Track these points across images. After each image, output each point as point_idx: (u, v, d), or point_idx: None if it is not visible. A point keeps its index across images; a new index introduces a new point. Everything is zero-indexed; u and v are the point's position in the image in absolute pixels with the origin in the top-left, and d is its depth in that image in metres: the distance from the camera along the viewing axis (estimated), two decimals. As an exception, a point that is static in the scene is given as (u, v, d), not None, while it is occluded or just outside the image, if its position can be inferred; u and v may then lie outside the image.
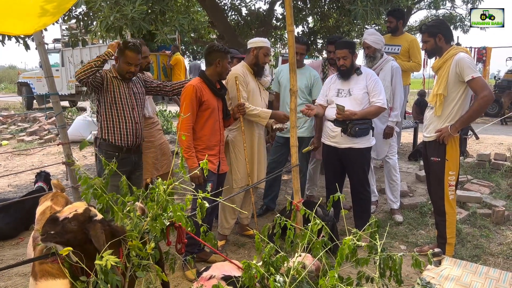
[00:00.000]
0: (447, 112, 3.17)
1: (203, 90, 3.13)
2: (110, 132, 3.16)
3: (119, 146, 3.17)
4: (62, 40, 13.57)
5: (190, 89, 3.08)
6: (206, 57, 3.25)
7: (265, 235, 2.11)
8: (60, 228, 1.73)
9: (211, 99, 3.19)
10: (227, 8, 7.14)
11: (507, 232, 3.96)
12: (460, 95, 3.11)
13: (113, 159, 3.07)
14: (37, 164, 7.07)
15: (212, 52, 3.21)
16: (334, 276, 1.72)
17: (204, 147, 3.18)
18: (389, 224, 4.07)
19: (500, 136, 9.13)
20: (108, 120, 3.16)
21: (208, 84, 3.19)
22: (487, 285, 2.19)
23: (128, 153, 3.23)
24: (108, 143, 3.17)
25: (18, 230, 4.10)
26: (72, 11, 4.92)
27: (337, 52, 3.62)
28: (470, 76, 2.97)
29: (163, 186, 1.81)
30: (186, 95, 3.09)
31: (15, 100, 16.81)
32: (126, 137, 3.18)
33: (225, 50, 3.21)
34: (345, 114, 3.48)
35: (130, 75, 3.17)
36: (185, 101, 3.07)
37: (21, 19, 2.57)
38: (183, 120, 3.04)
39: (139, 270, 1.80)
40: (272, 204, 4.61)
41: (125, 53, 3.09)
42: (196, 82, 3.15)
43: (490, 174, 5.68)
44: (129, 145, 3.21)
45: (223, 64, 3.20)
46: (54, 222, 1.76)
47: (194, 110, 3.10)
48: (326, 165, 3.93)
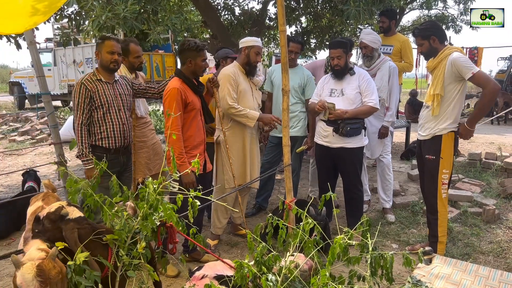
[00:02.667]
0: (444, 111, 3.20)
1: (186, 91, 3.06)
2: (97, 134, 3.11)
3: (106, 148, 3.14)
4: (54, 40, 13.48)
5: (175, 92, 2.98)
6: (179, 55, 3.15)
7: (257, 234, 2.11)
8: (41, 227, 1.81)
9: (195, 100, 3.13)
10: (220, 8, 7.13)
11: (498, 230, 4.01)
12: (456, 93, 3.15)
13: (101, 161, 3.08)
14: (29, 164, 7.01)
15: (183, 50, 3.11)
16: (326, 275, 1.73)
17: (191, 147, 3.13)
18: (381, 223, 4.10)
19: (491, 135, 9.22)
20: (94, 123, 3.10)
21: (188, 84, 3.12)
22: (476, 282, 2.21)
23: (117, 154, 3.20)
24: (95, 145, 3.12)
25: (9, 231, 4.07)
26: (64, 10, 4.89)
27: (331, 51, 3.63)
28: (470, 73, 3.00)
29: (153, 186, 1.80)
30: (171, 98, 2.98)
31: (7, 100, 16.69)
32: (113, 139, 3.15)
33: (198, 48, 3.08)
34: (336, 112, 3.49)
35: (115, 64, 3.08)
36: (170, 105, 2.97)
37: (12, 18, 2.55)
38: (173, 126, 2.96)
39: (130, 270, 1.80)
40: (265, 204, 4.62)
41: (104, 44, 3.05)
42: (178, 84, 3.06)
43: (481, 173, 5.74)
44: (117, 146, 3.17)
45: (195, 63, 3.10)
46: (37, 221, 1.84)
47: (181, 113, 3.02)
48: (318, 164, 3.95)
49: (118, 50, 3.10)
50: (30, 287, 1.52)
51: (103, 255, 1.83)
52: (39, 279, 1.53)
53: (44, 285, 1.54)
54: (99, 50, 3.09)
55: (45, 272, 1.55)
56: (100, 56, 3.09)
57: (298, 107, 4.20)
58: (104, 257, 1.82)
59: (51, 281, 1.56)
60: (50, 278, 1.56)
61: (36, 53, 3.73)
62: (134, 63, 3.61)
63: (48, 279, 1.55)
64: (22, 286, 1.52)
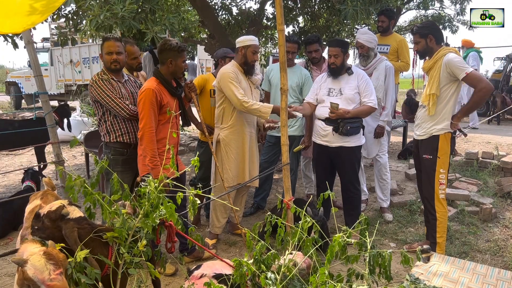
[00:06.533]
0: (440, 111, 3.22)
1: (162, 93, 3.00)
2: (117, 130, 3.13)
3: (127, 143, 3.16)
4: (51, 39, 13.42)
5: (150, 93, 2.92)
6: (159, 55, 3.07)
7: (256, 233, 2.11)
8: (41, 224, 1.82)
9: (171, 101, 3.08)
10: (218, 8, 7.12)
11: (494, 229, 4.03)
12: (451, 93, 3.19)
13: (121, 156, 3.10)
14: (26, 164, 7.00)
15: (164, 50, 3.03)
16: (325, 273, 1.73)
17: (163, 150, 3.03)
18: (378, 222, 4.11)
19: (488, 135, 9.25)
20: (113, 120, 3.13)
21: (165, 85, 3.06)
22: (474, 280, 2.23)
23: (136, 149, 3.20)
24: (117, 141, 3.14)
25: (7, 231, 4.06)
26: (61, 10, 4.87)
27: (329, 49, 3.63)
28: (463, 73, 3.04)
29: (154, 184, 1.81)
30: (146, 99, 2.91)
31: (3, 100, 16.61)
32: (133, 134, 3.18)
33: (179, 49, 3.03)
34: (338, 112, 3.50)
35: (116, 64, 3.09)
36: (145, 106, 2.91)
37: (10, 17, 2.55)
38: (146, 129, 2.91)
39: (131, 267, 1.80)
40: (263, 203, 4.63)
41: (104, 45, 3.08)
42: (154, 84, 2.99)
43: (478, 172, 5.76)
44: (137, 141, 3.19)
45: (176, 64, 3.04)
46: (37, 218, 1.85)
47: (156, 115, 2.97)
48: (317, 164, 3.96)
49: (117, 49, 3.10)
50: (45, 272, 1.49)
51: (103, 254, 1.83)
52: (52, 262, 1.52)
53: (57, 267, 1.52)
54: (101, 52, 3.13)
55: (54, 256, 1.55)
56: (103, 58, 3.13)
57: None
58: (104, 256, 1.82)
59: (62, 263, 1.55)
60: (61, 261, 1.55)
61: (33, 52, 3.72)
62: (132, 65, 3.60)
63: (59, 261, 1.54)
64: (37, 275, 1.49)
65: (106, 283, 1.85)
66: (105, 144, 3.21)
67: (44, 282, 1.49)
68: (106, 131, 3.15)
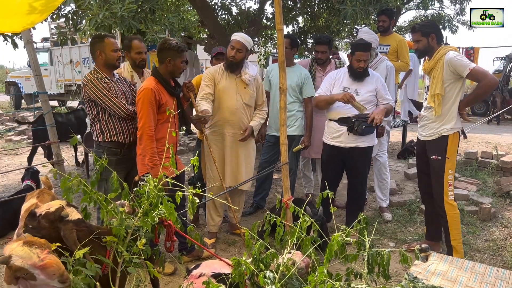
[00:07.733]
0: (447, 111, 3.20)
1: (160, 92, 3.00)
2: (111, 129, 3.12)
3: (121, 142, 3.15)
4: (51, 39, 13.41)
5: (148, 93, 2.92)
6: (158, 54, 3.08)
7: (254, 232, 2.12)
8: (37, 224, 1.79)
9: (169, 101, 3.08)
10: (218, 7, 7.13)
11: (493, 228, 4.03)
12: (457, 92, 3.17)
13: (115, 156, 3.09)
14: (25, 164, 6.99)
15: (163, 50, 3.04)
16: (323, 272, 1.73)
17: (162, 149, 3.02)
18: (377, 222, 4.11)
19: (487, 135, 9.25)
20: (108, 119, 3.12)
21: (164, 85, 3.06)
22: (472, 279, 2.23)
23: (129, 149, 3.20)
24: (111, 141, 3.13)
25: (6, 230, 4.06)
26: (61, 10, 4.88)
27: (359, 54, 3.50)
28: (467, 70, 3.01)
29: (153, 182, 1.81)
30: (144, 99, 2.92)
31: (3, 100, 16.61)
32: (128, 133, 3.17)
33: (179, 49, 3.03)
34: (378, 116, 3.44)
35: (119, 61, 3.17)
36: (144, 105, 2.92)
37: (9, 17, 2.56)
38: (145, 128, 2.92)
39: (131, 266, 1.80)
40: (262, 203, 4.63)
41: (107, 42, 3.07)
42: (153, 84, 2.99)
43: (477, 172, 5.77)
44: (130, 141, 3.19)
45: (174, 63, 3.05)
46: (32, 217, 1.82)
47: (154, 114, 2.97)
48: (326, 165, 3.88)
49: (117, 47, 3.14)
50: (33, 256, 1.48)
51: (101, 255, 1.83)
52: (35, 246, 1.51)
53: (42, 249, 1.51)
54: (101, 49, 3.08)
55: (35, 242, 1.53)
56: (105, 54, 3.09)
57: (296, 106, 4.19)
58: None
59: (46, 245, 1.54)
60: (43, 244, 1.54)
61: (33, 52, 3.72)
62: (135, 59, 3.54)
63: (42, 245, 1.53)
64: (26, 262, 1.47)
65: (105, 283, 1.85)
66: (98, 144, 3.18)
67: (35, 265, 1.48)
68: (100, 131, 3.13)
